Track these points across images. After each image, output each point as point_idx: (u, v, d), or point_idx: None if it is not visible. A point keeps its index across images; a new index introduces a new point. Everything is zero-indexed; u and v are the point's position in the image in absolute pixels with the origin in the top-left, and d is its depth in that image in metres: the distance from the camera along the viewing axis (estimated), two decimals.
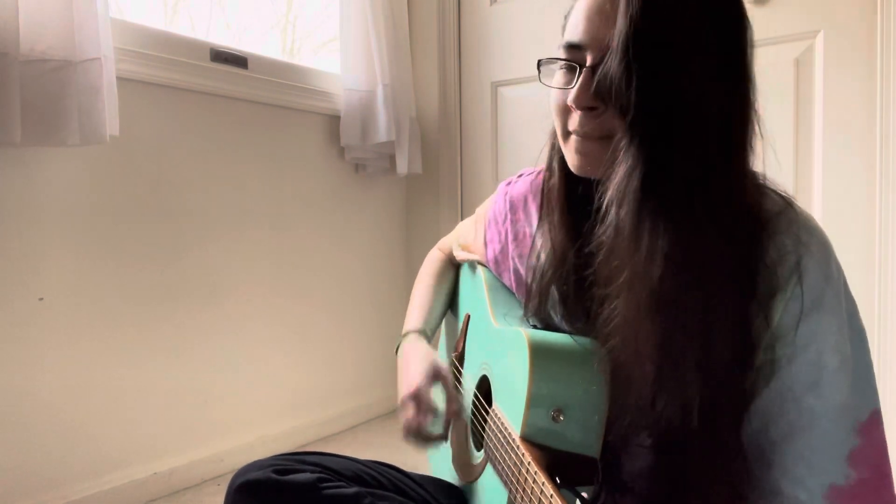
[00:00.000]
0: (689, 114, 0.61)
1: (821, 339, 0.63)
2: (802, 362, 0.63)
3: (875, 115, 1.57)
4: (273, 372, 1.95)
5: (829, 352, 0.63)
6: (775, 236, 0.65)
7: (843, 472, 0.63)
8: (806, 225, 0.66)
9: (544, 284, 0.79)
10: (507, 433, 0.72)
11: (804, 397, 0.63)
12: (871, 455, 0.64)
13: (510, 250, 0.93)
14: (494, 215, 0.97)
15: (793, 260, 0.64)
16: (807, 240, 0.65)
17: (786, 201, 0.68)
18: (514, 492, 0.68)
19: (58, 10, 1.29)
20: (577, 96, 0.66)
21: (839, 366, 0.63)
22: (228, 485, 0.81)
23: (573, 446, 0.68)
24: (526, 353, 0.71)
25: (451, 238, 1.16)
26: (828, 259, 0.65)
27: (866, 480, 0.63)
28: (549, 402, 0.69)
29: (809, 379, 0.63)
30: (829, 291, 0.64)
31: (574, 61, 0.68)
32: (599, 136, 0.67)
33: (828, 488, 0.63)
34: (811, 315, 0.63)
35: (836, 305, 0.64)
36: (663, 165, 0.61)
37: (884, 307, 1.56)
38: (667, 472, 0.66)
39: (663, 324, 0.62)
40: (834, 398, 0.63)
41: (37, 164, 1.41)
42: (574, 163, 0.71)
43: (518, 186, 0.94)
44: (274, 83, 1.91)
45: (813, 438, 0.63)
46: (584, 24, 0.67)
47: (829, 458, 0.63)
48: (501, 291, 0.96)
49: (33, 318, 1.42)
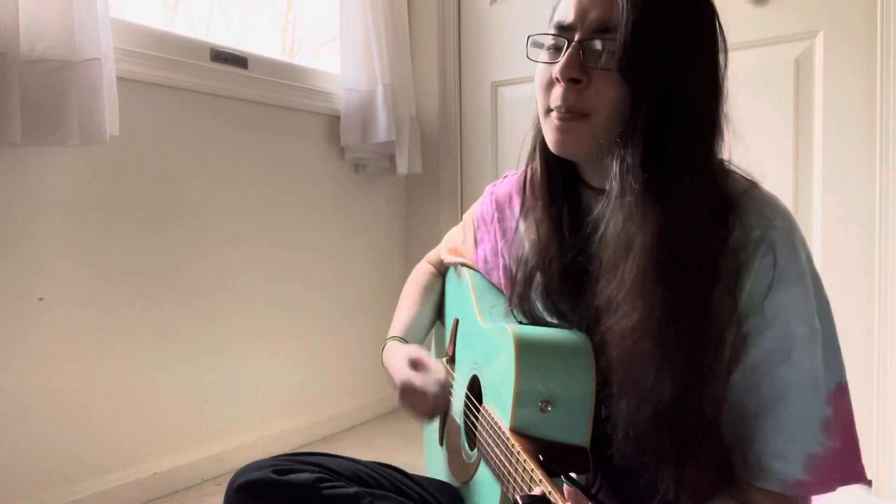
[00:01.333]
0: (687, 97, 0.66)
1: (789, 310, 0.66)
2: (773, 334, 0.66)
3: (875, 115, 1.57)
4: (273, 372, 1.95)
5: (799, 322, 0.66)
6: (740, 214, 0.68)
7: (818, 439, 0.65)
8: (770, 202, 0.69)
9: (529, 270, 0.80)
10: (498, 427, 0.73)
11: (776, 368, 0.66)
12: (842, 424, 0.66)
13: (500, 247, 0.94)
14: (482, 216, 0.99)
15: (757, 234, 0.66)
16: (771, 214, 0.68)
17: (750, 182, 0.71)
18: (507, 483, 0.69)
19: (58, 10, 1.29)
20: (563, 67, 0.69)
21: (809, 336, 0.66)
22: (228, 485, 0.81)
23: (563, 436, 0.70)
24: (511, 347, 0.72)
25: (439, 247, 1.18)
26: (791, 233, 0.68)
27: (839, 450, 0.66)
28: (537, 393, 0.70)
29: (781, 349, 0.65)
30: (795, 264, 0.66)
31: (563, 38, 0.71)
32: (580, 111, 0.69)
33: (807, 457, 0.65)
34: (778, 287, 0.65)
35: (802, 277, 0.67)
36: (664, 146, 0.65)
37: (884, 307, 1.56)
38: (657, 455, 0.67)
39: (662, 295, 0.64)
40: (805, 368, 0.65)
41: (37, 164, 1.41)
42: (553, 140, 0.73)
43: (503, 187, 0.97)
44: (274, 83, 1.91)
45: (788, 409, 0.65)
46: (576, 4, 0.70)
47: (805, 427, 0.65)
48: (488, 291, 0.97)
49: (33, 318, 1.42)
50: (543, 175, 0.80)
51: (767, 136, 1.70)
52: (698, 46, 0.68)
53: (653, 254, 0.64)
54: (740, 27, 1.73)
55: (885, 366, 1.57)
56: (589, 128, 0.69)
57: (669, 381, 0.64)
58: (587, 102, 0.69)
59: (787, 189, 1.67)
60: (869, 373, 1.58)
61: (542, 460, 0.65)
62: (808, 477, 0.65)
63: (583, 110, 0.69)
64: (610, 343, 0.69)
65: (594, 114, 0.69)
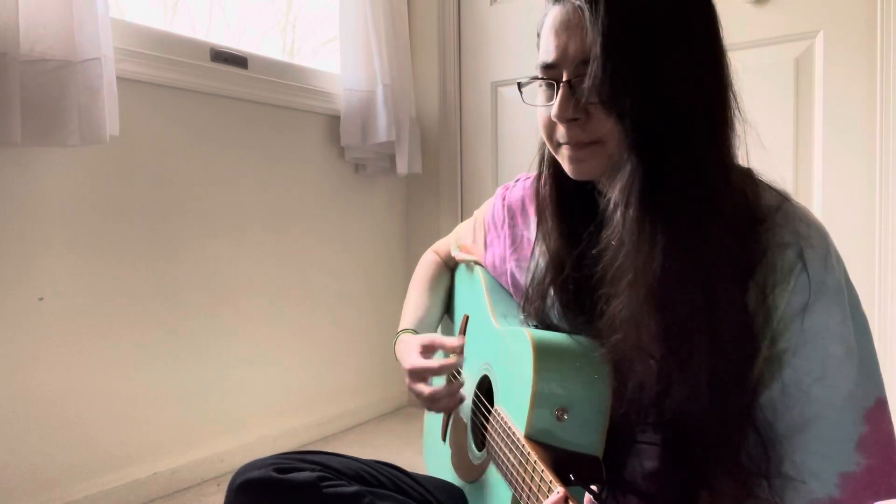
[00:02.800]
0: (679, 115, 0.63)
1: (825, 329, 0.64)
2: (808, 353, 0.64)
3: (875, 115, 1.57)
4: (273, 372, 1.95)
5: (835, 341, 0.64)
6: (774, 229, 0.66)
7: (853, 459, 0.64)
8: (804, 218, 0.67)
9: (544, 288, 0.80)
10: (511, 432, 0.72)
11: (811, 388, 0.64)
12: (879, 441, 0.65)
13: (508, 255, 0.94)
14: (493, 220, 0.99)
15: (793, 252, 0.65)
16: (806, 232, 0.66)
17: (782, 196, 0.69)
18: (520, 490, 0.68)
19: (58, 10, 1.29)
20: (558, 111, 0.68)
21: (844, 355, 0.64)
22: (229, 483, 0.81)
23: (577, 445, 0.69)
24: (530, 353, 0.71)
25: (448, 240, 1.17)
26: (828, 250, 0.66)
27: (875, 467, 0.64)
28: (553, 401, 0.69)
29: (816, 369, 0.64)
30: (832, 282, 0.65)
31: (551, 79, 0.69)
32: (588, 142, 0.68)
33: (839, 476, 0.64)
34: (815, 306, 0.64)
35: (839, 295, 0.65)
36: (659, 166, 0.63)
37: (884, 306, 1.56)
38: (674, 470, 0.67)
39: (664, 318, 0.63)
40: (841, 387, 0.64)
41: (37, 164, 1.41)
42: (570, 170, 0.72)
43: (516, 191, 0.96)
44: (274, 83, 1.91)
45: (822, 429, 0.64)
46: (554, 41, 0.69)
47: (839, 447, 0.64)
48: (501, 292, 0.97)
49: (33, 318, 1.42)
50: (554, 192, 0.79)
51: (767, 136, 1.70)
52: (686, 52, 0.64)
53: (653, 279, 0.63)
54: (740, 27, 1.73)
55: (884, 365, 1.56)
56: (603, 151, 0.68)
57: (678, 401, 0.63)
58: (593, 134, 0.68)
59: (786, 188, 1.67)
60: None
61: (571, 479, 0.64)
62: (841, 495, 0.64)
63: (591, 140, 0.68)
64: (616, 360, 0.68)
65: (606, 140, 0.67)
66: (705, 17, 0.67)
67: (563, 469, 0.66)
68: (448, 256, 1.16)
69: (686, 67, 0.64)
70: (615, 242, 0.66)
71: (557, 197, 0.79)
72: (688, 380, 0.63)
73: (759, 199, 0.68)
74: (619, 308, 0.66)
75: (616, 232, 0.66)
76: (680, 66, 0.64)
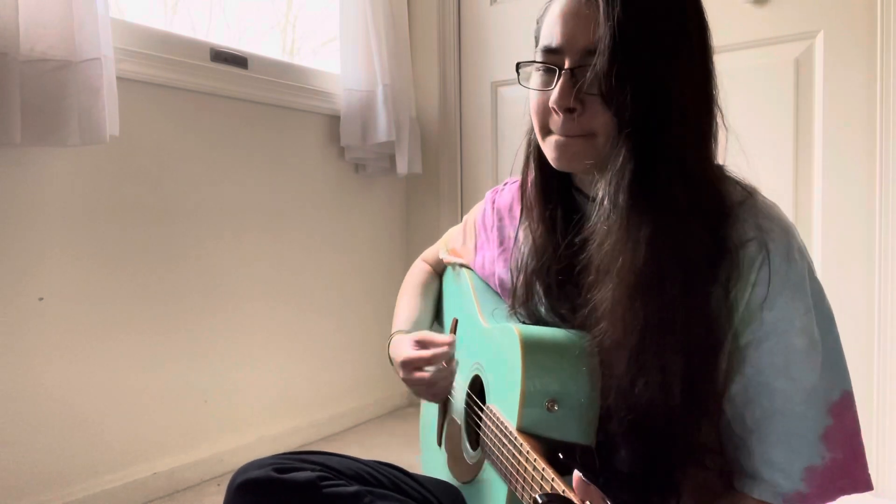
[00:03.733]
0: (674, 114, 0.66)
1: (787, 321, 0.65)
2: (771, 346, 0.65)
3: (875, 115, 1.57)
4: (273, 372, 1.95)
5: (797, 334, 0.65)
6: (737, 224, 0.67)
7: (818, 452, 0.65)
8: (767, 212, 0.68)
9: (528, 276, 0.81)
10: (504, 427, 0.73)
11: (775, 381, 0.65)
12: (844, 435, 0.66)
13: (496, 255, 0.95)
14: (483, 223, 1.00)
15: (755, 246, 0.66)
16: (768, 226, 0.67)
17: (748, 191, 0.70)
18: (515, 482, 0.69)
19: (58, 10, 1.29)
20: (558, 98, 0.69)
21: (808, 347, 0.65)
22: (229, 483, 0.81)
23: (568, 435, 0.70)
24: (518, 347, 0.72)
25: (436, 247, 1.18)
26: (790, 244, 0.67)
27: (840, 460, 0.65)
28: (544, 393, 0.70)
29: (779, 362, 0.65)
30: (794, 275, 0.66)
31: (552, 64, 0.70)
32: (580, 134, 0.70)
33: (806, 470, 0.65)
34: (776, 299, 0.65)
35: (801, 289, 0.66)
36: (651, 160, 0.65)
37: (884, 307, 1.56)
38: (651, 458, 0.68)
39: (646, 307, 0.64)
40: (805, 380, 0.65)
41: (37, 164, 1.41)
42: (554, 159, 0.73)
43: (504, 195, 0.98)
44: (274, 83, 1.91)
45: (787, 421, 0.65)
46: (561, 27, 0.70)
47: (804, 440, 0.65)
48: (488, 292, 0.98)
49: (33, 318, 1.42)
50: (539, 183, 0.81)
51: (767, 136, 1.70)
52: (686, 58, 0.67)
53: (637, 270, 0.64)
54: (740, 27, 1.73)
55: (885, 366, 1.57)
56: (591, 145, 0.70)
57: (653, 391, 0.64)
58: (586, 126, 0.69)
59: (786, 189, 1.67)
60: (869, 373, 1.58)
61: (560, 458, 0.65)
62: (808, 489, 0.65)
63: (584, 133, 0.70)
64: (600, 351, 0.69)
65: (597, 134, 0.69)
66: (700, 23, 0.70)
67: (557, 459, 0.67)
68: (436, 263, 1.17)
69: (684, 69, 0.66)
70: (602, 233, 0.68)
71: (543, 187, 0.80)
72: (661, 371, 0.64)
73: (726, 194, 0.70)
74: (602, 298, 0.67)
75: (603, 222, 0.67)
76: (679, 68, 0.66)
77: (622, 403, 0.67)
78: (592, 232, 0.69)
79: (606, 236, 0.67)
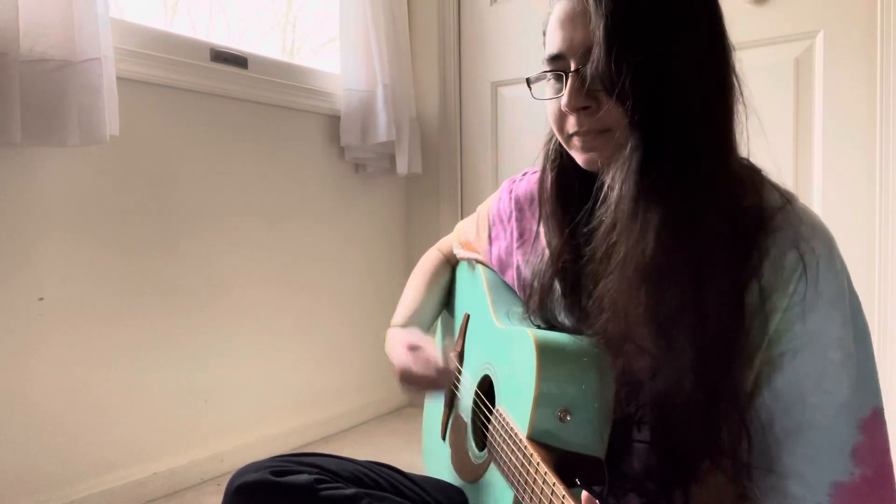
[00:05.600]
0: (678, 99, 0.64)
1: (825, 334, 0.63)
2: (806, 357, 0.63)
3: (875, 115, 1.57)
4: (273, 372, 1.95)
5: (833, 347, 0.63)
6: (776, 232, 0.65)
7: (847, 468, 0.63)
8: (808, 220, 0.67)
9: (546, 280, 0.80)
10: (514, 433, 0.72)
11: (808, 393, 0.64)
12: (874, 452, 0.64)
13: (514, 248, 0.93)
14: (499, 213, 0.98)
15: (794, 256, 0.64)
16: (809, 236, 0.65)
17: (786, 198, 0.68)
18: (522, 492, 0.68)
19: (58, 10, 1.29)
20: (569, 99, 0.68)
21: (843, 361, 0.63)
22: (226, 486, 0.81)
23: (579, 446, 0.69)
24: (533, 353, 0.71)
25: (451, 237, 1.16)
26: (831, 255, 0.65)
27: (870, 478, 0.63)
28: (556, 402, 0.69)
29: (813, 374, 0.63)
30: (833, 286, 0.64)
31: (559, 70, 0.70)
32: (599, 130, 0.69)
33: (832, 486, 0.63)
34: (814, 310, 0.63)
35: (840, 301, 0.64)
36: (657, 146, 0.64)
37: (884, 307, 1.56)
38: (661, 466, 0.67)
39: (652, 296, 0.63)
40: (837, 394, 0.63)
41: (37, 164, 1.41)
42: (582, 160, 0.73)
43: (523, 185, 0.96)
44: (274, 83, 1.91)
45: (817, 435, 0.63)
46: (560, 33, 0.70)
47: (833, 455, 0.63)
48: (503, 290, 0.96)
49: (33, 318, 1.42)
50: (556, 186, 0.80)
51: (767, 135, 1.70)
52: (690, 38, 0.65)
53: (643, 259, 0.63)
54: (740, 27, 1.72)
55: (885, 366, 1.56)
56: (612, 140, 0.68)
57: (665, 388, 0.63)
58: (603, 122, 0.68)
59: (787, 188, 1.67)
60: None
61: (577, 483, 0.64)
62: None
63: (602, 129, 0.69)
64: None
65: (614, 129, 0.68)
66: (709, 6, 0.68)
67: (566, 470, 0.66)
68: (451, 253, 1.16)
69: (685, 51, 0.65)
70: (608, 221, 0.67)
71: (559, 189, 0.79)
72: (672, 366, 0.63)
73: (763, 199, 0.68)
74: (607, 288, 0.66)
75: (610, 211, 0.67)
76: (678, 50, 0.65)
77: (634, 401, 0.66)
78: (600, 222, 0.68)
79: (613, 225, 0.66)
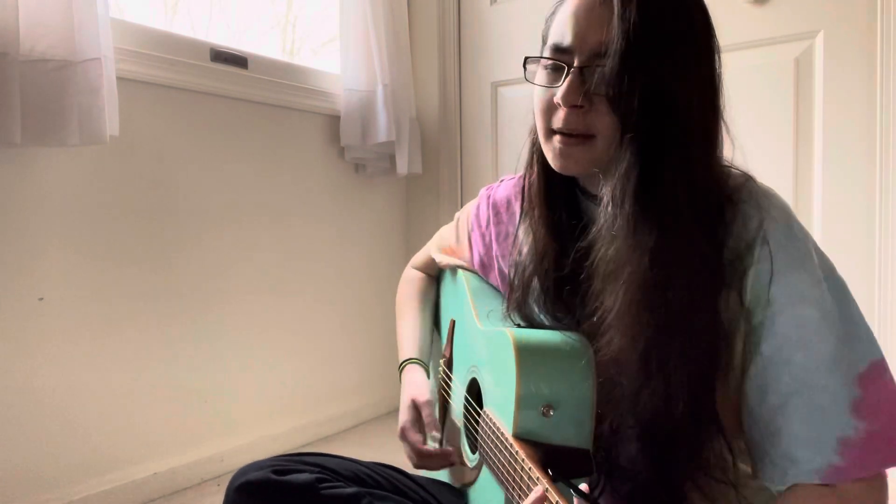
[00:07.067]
0: (680, 118, 0.66)
1: (796, 294, 0.65)
2: (784, 322, 0.65)
3: (875, 115, 1.57)
4: (273, 372, 1.95)
5: (808, 306, 0.65)
6: (738, 206, 0.68)
7: (849, 423, 0.63)
8: (766, 193, 0.69)
9: (526, 278, 0.81)
10: (500, 433, 0.73)
11: (793, 356, 0.65)
12: (879, 405, 0.64)
13: (494, 250, 0.95)
14: (478, 219, 0.99)
15: (755, 225, 0.66)
16: (766, 204, 0.67)
17: (745, 176, 0.71)
18: (511, 490, 0.69)
19: (58, 10, 1.29)
20: (565, 94, 0.69)
21: (821, 318, 0.65)
22: (228, 485, 0.81)
23: (565, 439, 0.70)
24: (511, 352, 0.72)
25: (427, 249, 1.16)
26: (788, 220, 0.68)
27: (879, 430, 0.63)
28: (538, 398, 0.70)
29: (794, 336, 0.65)
30: (795, 249, 0.66)
31: (561, 62, 0.70)
32: (582, 133, 0.70)
33: (838, 442, 0.63)
34: (781, 275, 0.65)
35: (806, 262, 0.66)
36: (657, 165, 0.65)
37: (884, 307, 1.56)
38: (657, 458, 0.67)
39: (652, 316, 0.64)
40: (822, 351, 0.64)
41: (37, 164, 1.41)
42: (556, 162, 0.73)
43: (500, 191, 0.97)
44: (274, 83, 1.91)
45: (811, 395, 0.64)
46: (573, 26, 0.70)
47: (832, 412, 0.63)
48: (485, 293, 0.97)
49: (33, 318, 1.42)
50: (541, 183, 0.80)
51: (767, 136, 1.70)
52: (694, 62, 0.67)
53: (643, 278, 0.64)
54: (740, 27, 1.73)
55: None
56: (591, 150, 0.69)
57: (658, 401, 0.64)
58: (590, 125, 0.69)
59: (787, 189, 1.67)
60: None
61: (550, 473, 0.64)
62: (844, 461, 0.62)
63: (585, 133, 0.69)
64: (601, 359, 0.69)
65: (598, 136, 0.69)
66: (707, 28, 0.70)
67: (553, 464, 0.67)
68: (427, 265, 1.16)
69: (690, 76, 0.67)
70: (607, 240, 0.67)
71: (546, 189, 0.80)
72: (665, 380, 0.64)
73: (724, 180, 0.70)
74: (609, 306, 0.67)
75: (608, 228, 0.67)
76: (685, 74, 0.66)
77: (627, 412, 0.67)
78: (597, 238, 0.69)
79: (612, 243, 0.67)
